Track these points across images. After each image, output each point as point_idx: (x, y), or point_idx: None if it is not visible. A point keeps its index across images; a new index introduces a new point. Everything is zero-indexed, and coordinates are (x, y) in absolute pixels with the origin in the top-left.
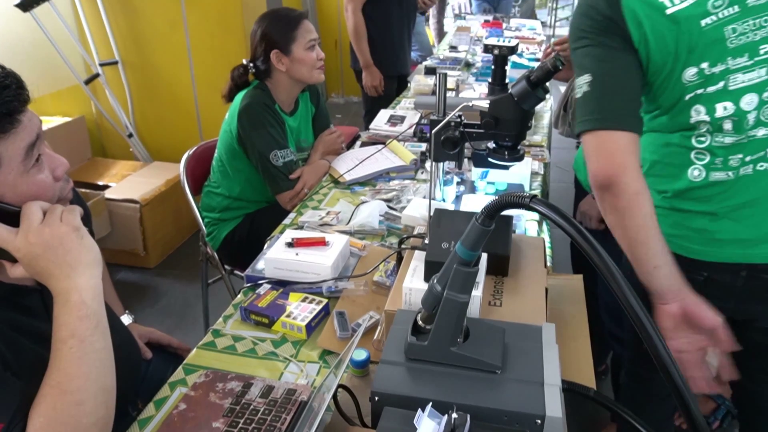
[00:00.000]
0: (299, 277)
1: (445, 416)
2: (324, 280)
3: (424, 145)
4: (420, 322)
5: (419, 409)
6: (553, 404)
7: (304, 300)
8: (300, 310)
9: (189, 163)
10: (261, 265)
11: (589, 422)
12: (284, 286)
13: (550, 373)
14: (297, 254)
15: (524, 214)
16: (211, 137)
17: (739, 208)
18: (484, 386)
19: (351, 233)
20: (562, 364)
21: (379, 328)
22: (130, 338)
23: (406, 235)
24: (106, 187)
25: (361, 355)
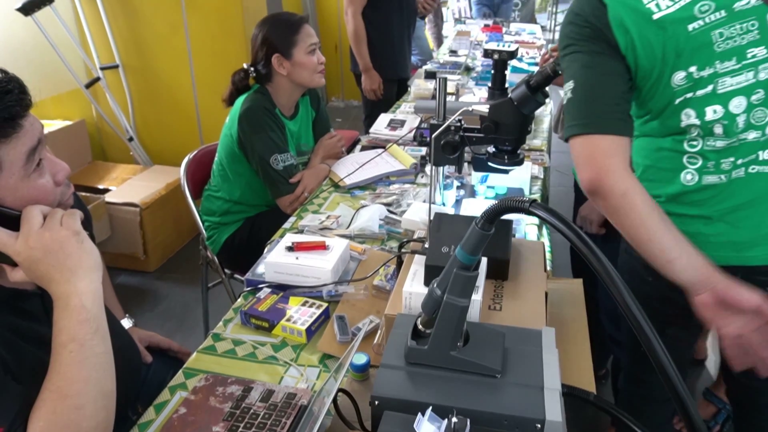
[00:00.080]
0: (299, 281)
1: (445, 420)
2: (324, 284)
3: (424, 149)
4: (420, 327)
5: (419, 413)
6: (553, 408)
7: (304, 304)
8: (300, 314)
9: (189, 166)
10: (261, 269)
11: (589, 427)
12: (284, 290)
13: (550, 377)
14: (297, 258)
15: (524, 218)
16: (212, 141)
17: (733, 211)
18: (484, 390)
19: (351, 237)
20: (562, 368)
21: (379, 332)
22: (131, 342)
23: (406, 239)
24: (106, 191)
25: (361, 359)
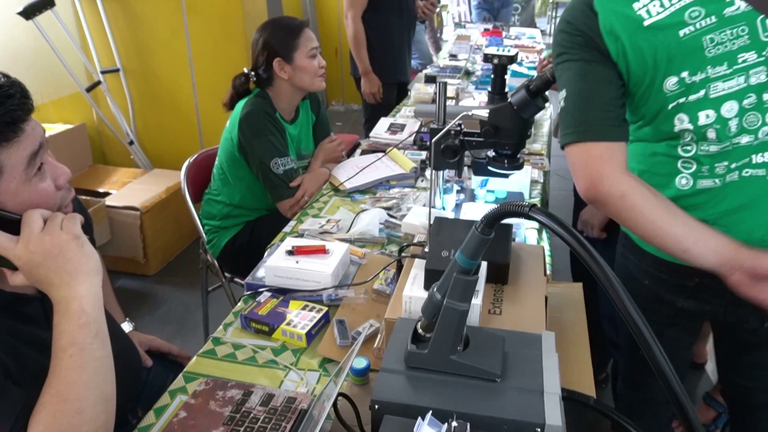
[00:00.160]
0: (299, 285)
1: (445, 424)
2: (324, 288)
3: (424, 154)
4: (420, 331)
5: (419, 418)
6: (553, 413)
7: (304, 308)
8: (300, 318)
9: (189, 170)
10: (261, 273)
11: (589, 431)
12: (284, 294)
13: (549, 381)
14: (297, 262)
15: (524, 222)
16: (212, 145)
17: (728, 215)
18: (483, 394)
19: (351, 241)
20: (561, 372)
21: (379, 337)
22: (131, 346)
23: (406, 243)
24: (106, 195)
25: (361, 363)
